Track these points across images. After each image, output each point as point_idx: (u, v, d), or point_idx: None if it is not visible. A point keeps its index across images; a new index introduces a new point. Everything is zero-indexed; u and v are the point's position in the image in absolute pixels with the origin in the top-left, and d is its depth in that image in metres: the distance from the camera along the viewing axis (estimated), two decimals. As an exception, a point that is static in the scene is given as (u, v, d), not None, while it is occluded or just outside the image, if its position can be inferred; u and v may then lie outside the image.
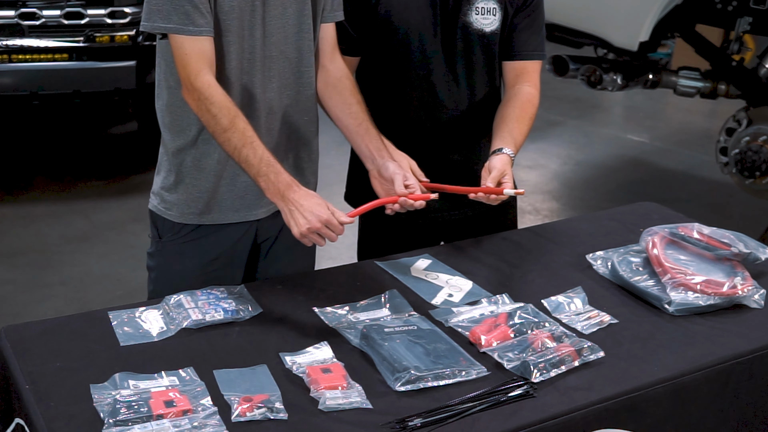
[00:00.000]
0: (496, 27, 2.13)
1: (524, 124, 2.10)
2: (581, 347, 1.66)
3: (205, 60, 1.76)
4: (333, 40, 2.01)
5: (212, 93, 1.74)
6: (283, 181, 1.73)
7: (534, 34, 2.18)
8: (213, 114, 1.73)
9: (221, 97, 1.75)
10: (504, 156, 1.97)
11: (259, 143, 1.74)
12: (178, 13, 1.73)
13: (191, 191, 1.93)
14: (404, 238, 2.26)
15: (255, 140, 1.74)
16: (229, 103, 1.75)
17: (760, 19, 3.97)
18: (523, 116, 2.10)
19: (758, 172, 4.02)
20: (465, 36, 2.12)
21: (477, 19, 2.10)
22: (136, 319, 1.75)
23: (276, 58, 1.88)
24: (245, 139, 1.73)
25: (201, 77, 1.74)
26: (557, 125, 6.21)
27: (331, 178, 2.16)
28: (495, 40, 2.15)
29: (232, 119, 1.73)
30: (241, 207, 1.96)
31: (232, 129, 1.73)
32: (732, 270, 1.95)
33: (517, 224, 2.44)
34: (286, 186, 1.72)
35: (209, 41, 1.77)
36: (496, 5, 2.11)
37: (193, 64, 1.75)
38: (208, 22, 1.76)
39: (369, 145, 1.96)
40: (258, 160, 1.73)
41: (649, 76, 4.41)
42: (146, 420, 1.41)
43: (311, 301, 1.85)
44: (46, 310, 3.48)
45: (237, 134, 1.73)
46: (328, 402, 1.49)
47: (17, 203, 4.59)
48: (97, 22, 4.45)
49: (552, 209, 4.85)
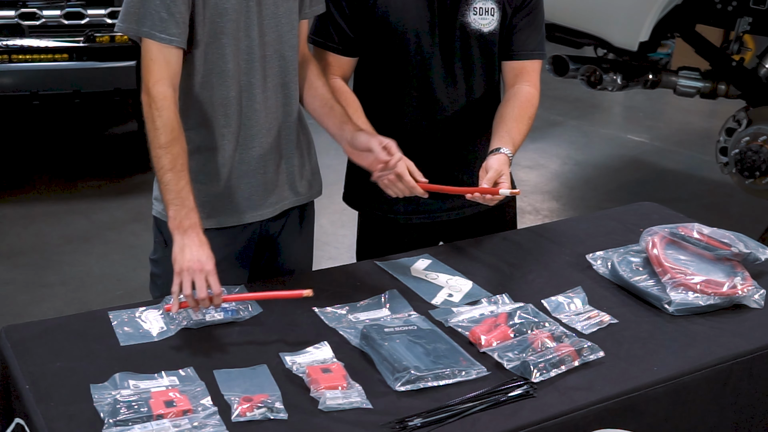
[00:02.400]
0: (494, 27, 2.12)
1: (523, 123, 2.09)
2: (581, 347, 1.66)
3: (168, 70, 1.76)
4: (304, 35, 2.02)
5: (163, 107, 1.74)
6: (191, 219, 1.73)
7: (533, 34, 2.17)
8: (156, 127, 1.74)
9: (170, 114, 1.75)
10: (501, 156, 1.97)
11: (186, 174, 1.75)
12: (152, 18, 1.74)
13: (197, 197, 1.93)
14: (402, 239, 2.26)
15: (183, 170, 1.75)
16: (176, 123, 1.76)
17: (760, 19, 3.96)
18: (522, 116, 2.10)
19: (758, 172, 4.02)
20: (463, 36, 2.11)
21: (475, 20, 2.10)
22: (136, 319, 1.75)
23: (272, 57, 1.89)
24: (175, 164, 1.74)
25: (159, 86, 1.75)
26: (557, 125, 6.21)
27: (331, 178, 2.16)
28: (494, 40, 2.14)
29: (171, 140, 1.74)
30: (247, 208, 1.97)
31: (167, 149, 1.74)
32: (732, 270, 1.95)
33: (517, 224, 2.44)
34: (190, 225, 1.72)
35: (177, 53, 1.77)
36: (494, 5, 2.11)
37: (155, 71, 1.76)
38: (180, 33, 1.76)
39: (332, 123, 1.94)
40: (177, 190, 1.74)
41: (649, 76, 4.41)
42: (146, 420, 1.42)
43: (311, 301, 1.84)
44: (46, 310, 3.48)
45: (169, 156, 1.74)
46: (328, 402, 1.49)
47: (17, 203, 4.59)
48: (97, 22, 4.45)
49: (552, 209, 4.85)
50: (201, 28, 1.79)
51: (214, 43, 1.81)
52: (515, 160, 2.00)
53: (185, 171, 1.75)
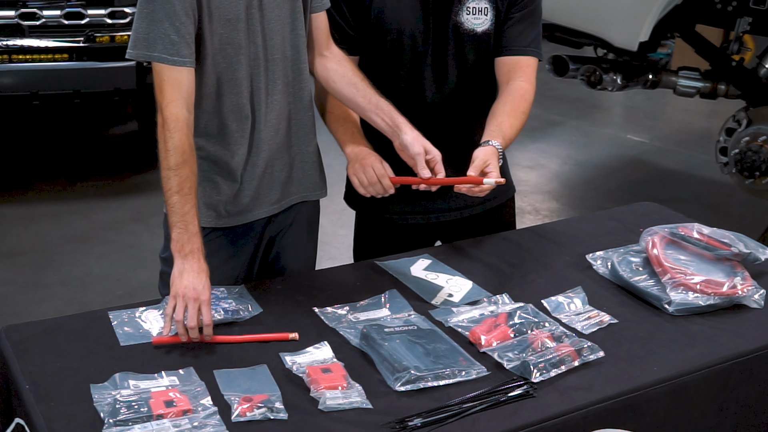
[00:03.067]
0: (487, 27, 2.11)
1: (515, 118, 2.05)
2: (581, 347, 1.66)
3: (180, 90, 1.77)
4: (326, 28, 2.01)
5: (175, 128, 1.75)
6: (192, 244, 1.74)
7: (527, 30, 2.13)
8: (167, 148, 1.75)
9: (181, 137, 1.76)
10: (489, 147, 1.94)
11: (192, 198, 1.76)
12: (162, 42, 1.74)
13: (207, 200, 1.94)
14: (399, 240, 2.26)
15: (190, 193, 1.76)
16: (187, 146, 1.77)
17: (760, 19, 3.96)
18: (514, 110, 2.06)
19: (758, 172, 4.02)
20: (456, 36, 2.11)
21: (468, 19, 2.09)
22: (136, 319, 1.75)
23: (278, 60, 1.89)
24: (182, 187, 1.75)
25: (171, 107, 1.76)
26: (557, 125, 6.21)
27: (331, 178, 2.16)
28: (488, 40, 2.13)
29: (181, 163, 1.75)
30: (255, 206, 1.98)
31: (176, 171, 1.75)
32: (732, 270, 1.95)
33: (516, 224, 2.44)
34: (191, 250, 1.73)
35: (189, 72, 1.78)
36: (487, 5, 2.10)
37: (168, 92, 1.77)
38: (191, 53, 1.77)
39: (386, 119, 1.95)
40: (182, 213, 1.75)
41: (649, 76, 4.41)
42: (146, 420, 1.42)
43: (311, 301, 1.85)
44: (46, 310, 3.48)
45: (177, 179, 1.75)
46: (328, 402, 1.49)
47: (17, 203, 4.59)
48: (97, 22, 4.45)
49: (552, 209, 4.85)
50: (209, 41, 1.80)
51: (222, 53, 1.82)
52: (515, 160, 2.01)
53: (192, 194, 1.76)
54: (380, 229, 2.31)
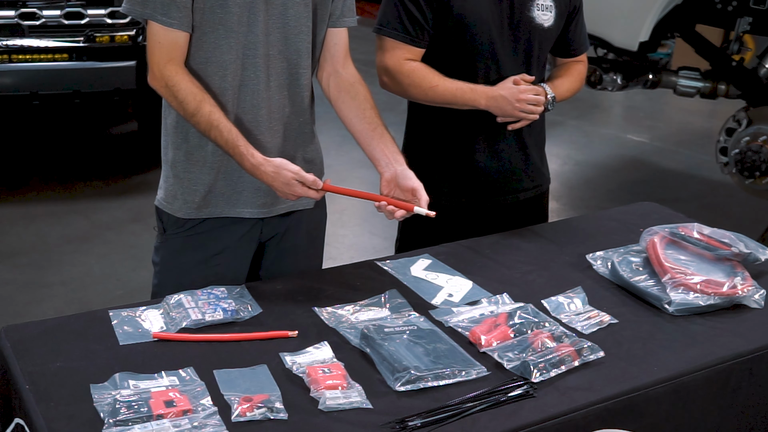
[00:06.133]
0: (552, 23, 2.27)
1: (572, 83, 2.34)
2: (581, 347, 1.66)
3: (176, 51, 1.82)
4: (345, 46, 2.04)
5: (178, 80, 1.80)
6: (253, 157, 1.80)
7: (584, 28, 2.41)
8: (180, 100, 1.80)
9: (187, 84, 1.81)
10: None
11: (225, 125, 1.80)
12: (155, 1, 1.78)
13: (186, 184, 1.94)
14: (447, 225, 2.26)
15: (221, 123, 1.80)
16: (195, 88, 1.81)
17: (760, 19, 3.97)
18: (573, 79, 2.35)
19: (758, 172, 4.02)
20: (529, 30, 2.23)
21: (538, 15, 2.24)
22: (136, 318, 1.75)
23: (275, 58, 1.89)
24: (211, 123, 1.80)
25: (169, 66, 1.81)
26: (557, 125, 6.21)
27: (331, 178, 2.16)
28: (551, 35, 2.30)
29: (198, 104, 1.80)
30: (237, 202, 1.97)
31: (198, 114, 1.80)
32: (732, 270, 1.95)
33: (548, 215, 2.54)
34: (254, 164, 1.80)
35: (184, 36, 1.82)
36: (551, 2, 2.26)
37: (164, 53, 1.81)
38: (182, 17, 1.80)
39: (384, 150, 1.95)
40: (224, 144, 1.81)
41: (649, 76, 4.42)
42: (146, 420, 1.41)
43: (311, 301, 1.85)
44: (46, 310, 3.48)
45: (203, 119, 1.80)
46: (328, 402, 1.49)
47: (17, 203, 4.59)
48: (97, 22, 4.46)
49: (552, 209, 4.82)
50: (199, 14, 1.82)
51: (213, 32, 1.83)
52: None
53: (223, 121, 1.80)
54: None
